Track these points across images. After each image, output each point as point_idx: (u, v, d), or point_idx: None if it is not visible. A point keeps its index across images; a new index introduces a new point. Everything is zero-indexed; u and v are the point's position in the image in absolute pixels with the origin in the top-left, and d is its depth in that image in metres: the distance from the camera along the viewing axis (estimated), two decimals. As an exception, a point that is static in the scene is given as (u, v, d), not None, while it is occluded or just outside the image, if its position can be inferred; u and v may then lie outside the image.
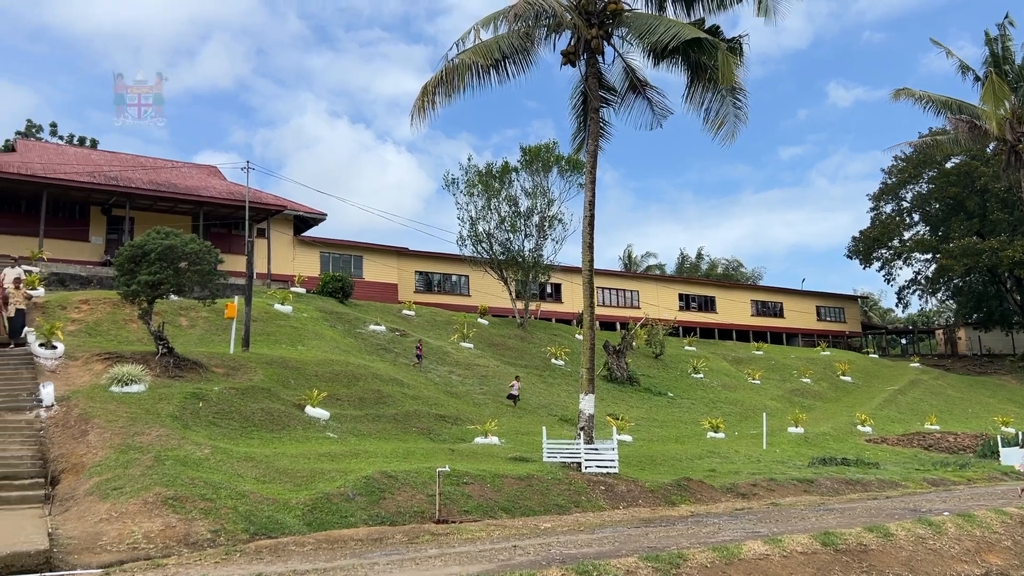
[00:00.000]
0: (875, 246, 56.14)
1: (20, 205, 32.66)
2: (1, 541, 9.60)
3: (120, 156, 38.41)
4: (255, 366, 20.57)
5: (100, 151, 41.59)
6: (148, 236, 19.24)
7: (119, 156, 38.35)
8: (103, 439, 13.98)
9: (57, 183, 31.34)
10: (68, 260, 31.36)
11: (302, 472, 13.66)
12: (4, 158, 34.23)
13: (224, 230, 36.16)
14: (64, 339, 19.54)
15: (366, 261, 41.43)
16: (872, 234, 55.74)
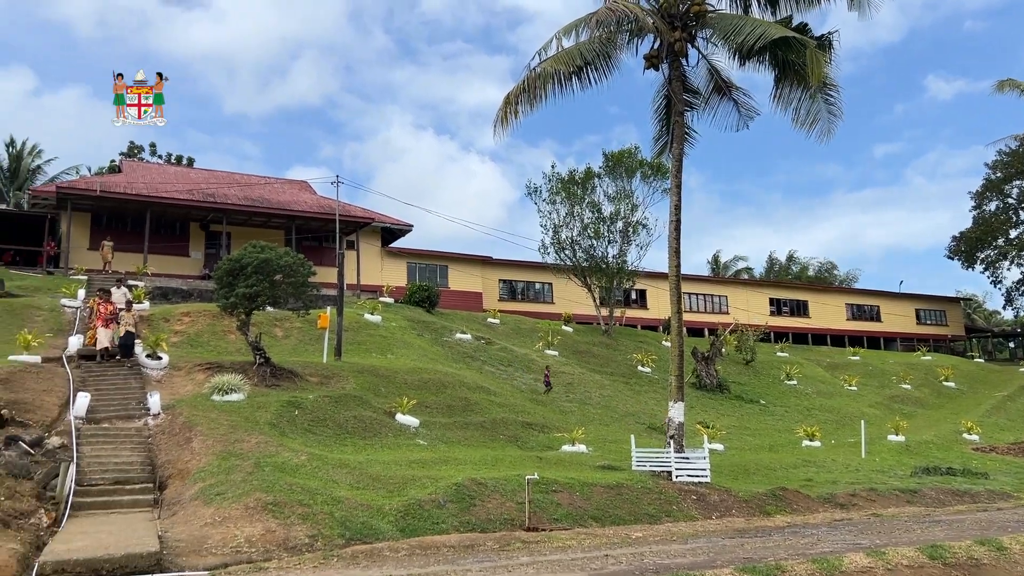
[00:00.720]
0: (978, 246, 53.51)
1: (127, 223, 34.42)
2: (117, 542, 10.12)
3: (217, 174, 40.09)
4: (347, 374, 21.06)
5: (197, 169, 43.47)
6: (245, 250, 19.98)
7: (216, 174, 40.04)
8: (206, 446, 14.55)
9: (159, 201, 32.92)
10: (170, 274, 32.85)
11: (394, 478, 13.90)
12: (111, 179, 36.18)
13: (315, 243, 37.25)
14: (168, 350, 20.46)
15: (451, 270, 41.95)
16: (975, 233, 53.16)
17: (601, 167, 39.07)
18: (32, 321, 22.49)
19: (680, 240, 17.84)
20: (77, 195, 32.16)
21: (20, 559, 9.34)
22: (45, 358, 18.50)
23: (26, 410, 15.21)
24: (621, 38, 18.44)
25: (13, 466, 12.66)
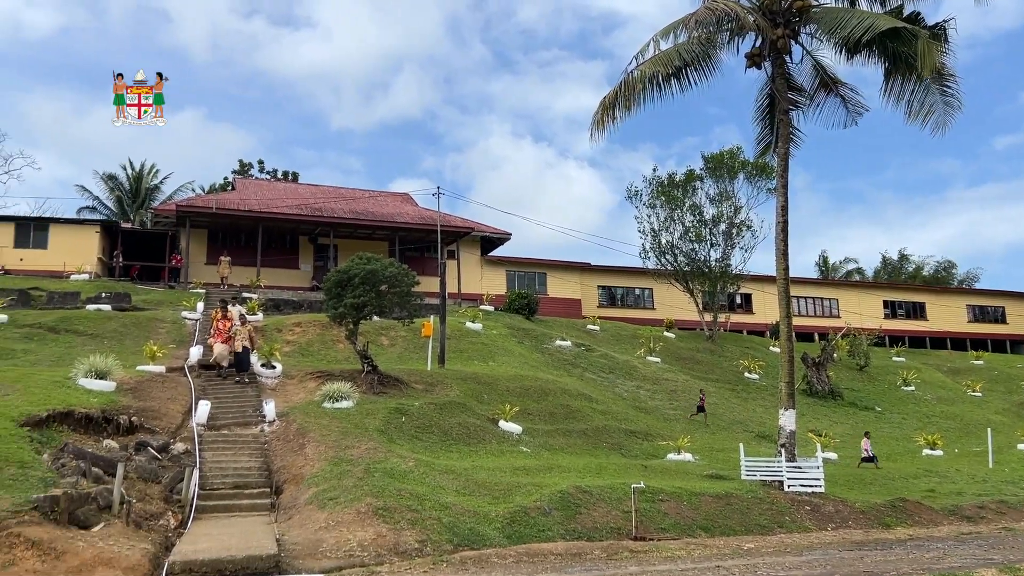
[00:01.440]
0: (1117, 240, 49.66)
1: (240, 238, 36.08)
2: (238, 544, 10.58)
3: (323, 188, 41.51)
4: (451, 382, 21.38)
5: (305, 185, 45.11)
6: (352, 262, 20.60)
7: (322, 188, 41.46)
8: (318, 452, 15.04)
9: (270, 216, 34.35)
10: (281, 286, 34.18)
11: (499, 485, 13.99)
12: (226, 196, 38.01)
13: (417, 253, 38.02)
14: (281, 359, 21.28)
15: (550, 277, 42.01)
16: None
17: (702, 169, 38.37)
18: (156, 333, 23.83)
19: (788, 242, 17.32)
20: (195, 212, 33.93)
21: (152, 559, 9.87)
22: (169, 368, 19.54)
23: (153, 417, 16.08)
24: (721, 37, 18.07)
25: (143, 470, 13.41)
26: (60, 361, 19.63)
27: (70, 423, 14.37)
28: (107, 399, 15.81)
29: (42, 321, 23.35)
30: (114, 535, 10.50)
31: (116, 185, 51.09)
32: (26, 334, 22.24)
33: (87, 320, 24.18)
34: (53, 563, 9.29)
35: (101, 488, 11.62)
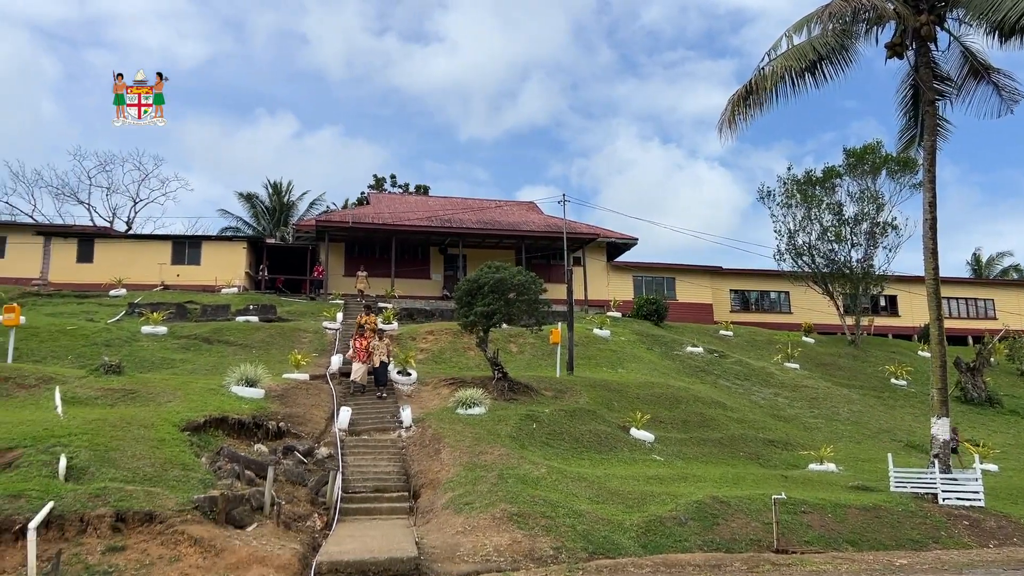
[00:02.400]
0: None
1: (375, 249, 37.45)
2: (380, 547, 10.96)
3: (452, 200, 42.49)
4: (580, 389, 21.34)
5: (435, 197, 46.33)
6: (481, 271, 20.97)
7: (451, 200, 42.44)
8: (453, 457, 15.36)
9: (403, 228, 35.50)
10: (414, 296, 35.22)
11: (633, 494, 13.84)
12: (361, 210, 39.57)
13: (543, 261, 38.25)
14: (416, 366, 21.90)
15: (678, 282, 41.26)
16: None
17: (841, 165, 36.68)
18: (300, 342, 25.06)
19: (936, 240, 16.30)
20: (333, 227, 35.52)
21: (301, 559, 10.37)
22: (312, 376, 20.50)
23: (299, 422, 16.91)
24: (857, 28, 17.24)
25: (291, 473, 14.11)
26: (214, 370, 20.97)
27: (224, 428, 15.32)
28: (257, 405, 16.75)
29: (197, 332, 25.01)
30: (266, 535, 11.10)
31: (257, 203, 54.13)
32: (184, 344, 23.88)
33: (237, 331, 25.72)
34: (213, 560, 9.91)
35: (254, 490, 12.31)
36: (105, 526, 10.25)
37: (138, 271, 34.83)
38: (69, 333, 23.09)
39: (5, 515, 10.00)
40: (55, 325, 23.87)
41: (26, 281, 34.07)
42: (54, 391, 15.63)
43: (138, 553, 9.91)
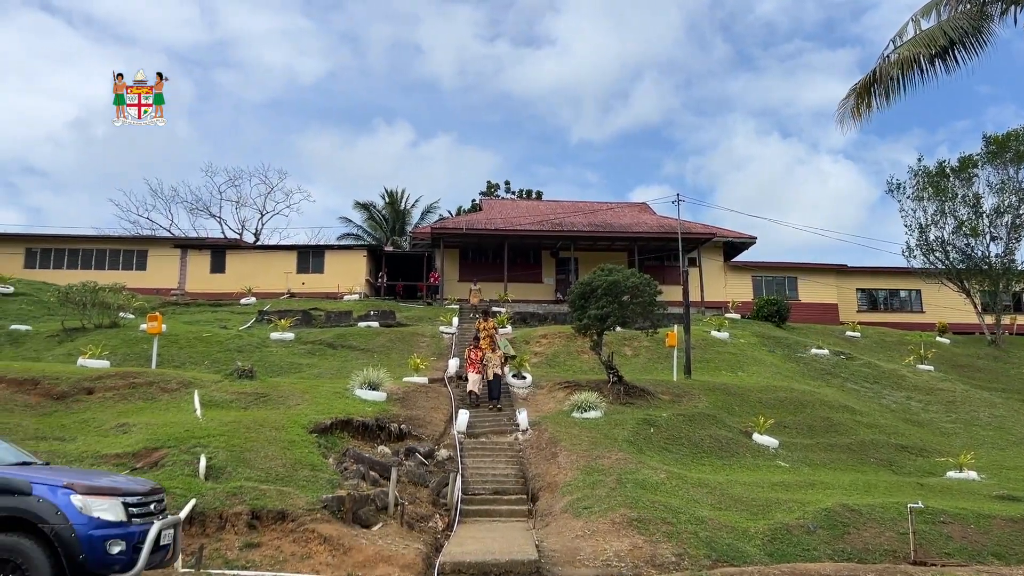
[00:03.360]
0: None
1: (488, 255, 37.98)
2: (501, 549, 11.06)
3: (563, 204, 42.54)
4: (698, 393, 20.90)
5: (546, 201, 46.54)
6: (594, 274, 20.88)
7: (562, 204, 42.50)
8: (570, 461, 15.33)
9: (515, 233, 35.81)
10: (527, 300, 35.44)
11: (757, 501, 13.42)
12: (474, 217, 40.23)
13: (657, 262, 37.73)
14: (531, 370, 22.02)
15: (800, 282, 39.83)
16: None
17: (979, 154, 34.42)
18: (418, 346, 25.66)
19: (1090, 231, 15.04)
20: (447, 233, 36.25)
21: (424, 558, 10.60)
22: (431, 379, 20.94)
23: (419, 425, 17.30)
24: (992, 8, 16.16)
25: (413, 475, 14.46)
26: (338, 373, 21.73)
27: (349, 430, 15.84)
28: (379, 408, 17.25)
29: (322, 338, 26.01)
30: (391, 534, 11.41)
31: (374, 212, 55.89)
32: (310, 349, 24.88)
33: (359, 336, 26.60)
34: (341, 558, 10.27)
35: (378, 491, 12.69)
36: (242, 523, 10.79)
37: (266, 280, 36.61)
38: (205, 340, 24.47)
39: (153, 510, 10.68)
40: (192, 332, 25.36)
41: (165, 291, 36.41)
42: (193, 395, 16.59)
43: (272, 550, 10.38)
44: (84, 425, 15.32)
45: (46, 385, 17.36)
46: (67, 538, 7.19)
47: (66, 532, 7.19)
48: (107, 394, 17.32)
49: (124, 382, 17.83)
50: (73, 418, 15.95)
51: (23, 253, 38.74)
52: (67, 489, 7.44)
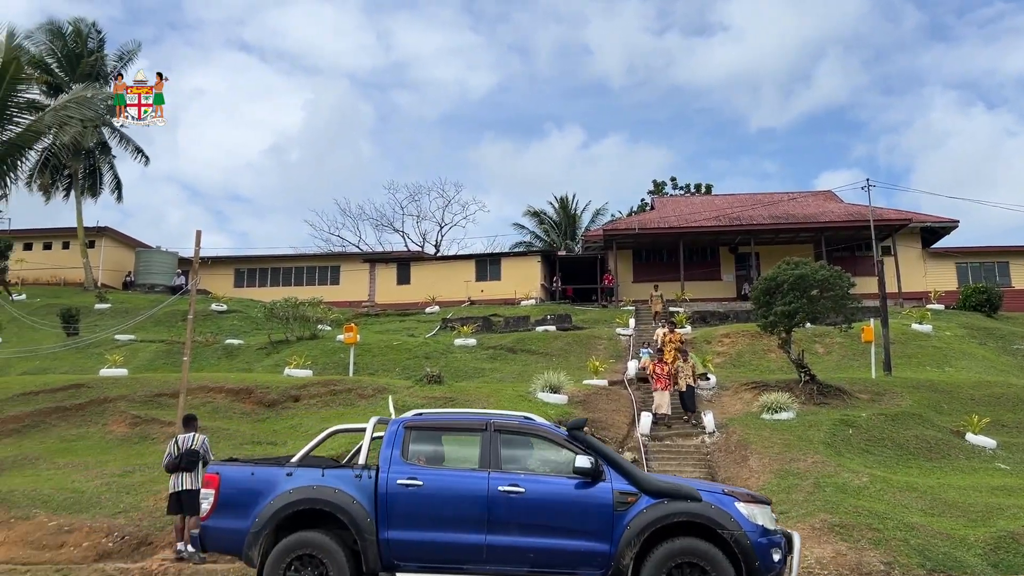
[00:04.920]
0: None
1: (663, 254, 37.40)
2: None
3: (739, 197, 41.12)
4: (900, 390, 19.46)
5: (721, 195, 45.19)
6: (779, 268, 19.98)
7: (738, 197, 41.09)
8: (762, 464, 14.75)
9: (689, 230, 35.02)
10: (705, 298, 34.53)
11: (975, 506, 12.30)
12: (646, 216, 39.78)
13: (846, 253, 35.60)
14: (714, 371, 21.40)
15: (1013, 267, 36.20)
16: None
17: None
18: (595, 349, 25.67)
19: None
20: (619, 235, 36.05)
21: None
22: (611, 381, 20.88)
23: (601, 427, 17.28)
24: None
25: (598, 477, 14.43)
26: (519, 377, 22.16)
27: (534, 433, 16.08)
28: (561, 411, 17.39)
29: (502, 343, 26.63)
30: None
31: (545, 218, 56.62)
32: (491, 354, 25.54)
33: (537, 340, 26.99)
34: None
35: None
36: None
37: (448, 289, 38.04)
38: (395, 348, 25.75)
39: (357, 509, 11.34)
40: (383, 341, 26.76)
41: (357, 303, 38.71)
42: (388, 400, 17.49)
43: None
44: (293, 430, 16.57)
45: (258, 394, 18.91)
46: (744, 544, 7.26)
47: (743, 539, 7.28)
48: (311, 401, 18.62)
49: (326, 389, 19.09)
50: (283, 424, 17.31)
51: (232, 274, 42.59)
52: (729, 497, 7.64)
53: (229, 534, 7.88)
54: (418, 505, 7.62)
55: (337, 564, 7.49)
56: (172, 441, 11.29)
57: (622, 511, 7.41)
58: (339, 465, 8.60)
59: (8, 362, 26.69)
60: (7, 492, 12.64)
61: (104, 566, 10.66)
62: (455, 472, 7.96)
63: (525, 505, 7.49)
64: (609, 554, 7.32)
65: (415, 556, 7.56)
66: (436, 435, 8.44)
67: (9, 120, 15.48)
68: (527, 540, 7.43)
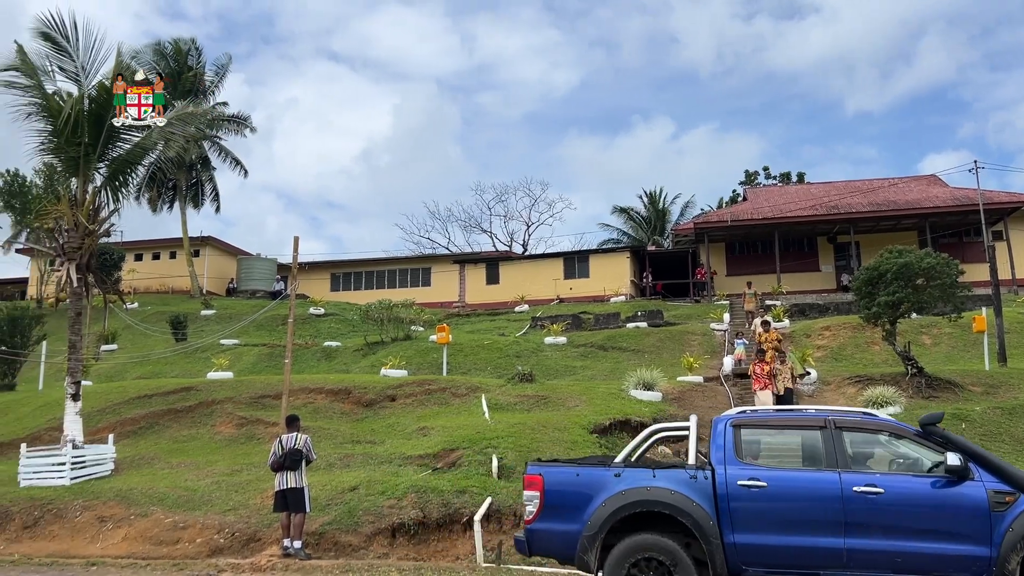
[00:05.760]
0: None
1: (756, 246, 36.45)
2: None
3: (835, 185, 39.72)
4: (1017, 382, 18.38)
5: (816, 184, 43.70)
6: (882, 257, 19.18)
7: (835, 185, 39.69)
8: (868, 461, 14.16)
9: (784, 221, 34.01)
10: (803, 291, 33.48)
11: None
12: (738, 208, 38.82)
13: (953, 239, 33.92)
14: (815, 365, 20.70)
15: None
16: None
17: None
18: (689, 345, 25.23)
19: None
20: (711, 228, 35.35)
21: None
22: (706, 378, 20.47)
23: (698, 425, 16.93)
24: None
25: (696, 475, 14.17)
26: (611, 375, 21.99)
27: (627, 430, 15.89)
28: (656, 408, 17.16)
29: (592, 340, 26.49)
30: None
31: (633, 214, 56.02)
32: (582, 352, 25.44)
33: (628, 337, 26.73)
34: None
35: (663, 490, 12.57)
36: (535, 520, 11.22)
37: (536, 287, 38.12)
38: (486, 347, 25.97)
39: (455, 508, 11.49)
40: (474, 341, 27.03)
41: (448, 304, 39.24)
42: (480, 399, 17.65)
43: (565, 547, 10.67)
44: (390, 429, 16.91)
45: (356, 394, 19.38)
46: None
47: None
48: (407, 400, 18.96)
49: (420, 389, 19.41)
50: (380, 423, 17.68)
51: (328, 278, 43.84)
52: None
53: (558, 537, 7.58)
54: (763, 507, 7.28)
55: (684, 568, 7.16)
56: (276, 441, 11.65)
57: (1000, 511, 6.93)
58: (671, 465, 8.22)
59: (124, 367, 28.23)
60: (127, 490, 13.34)
61: (216, 561, 11.11)
62: (801, 472, 7.53)
63: (886, 506, 7.10)
64: (989, 558, 6.86)
65: (763, 561, 7.24)
66: (763, 433, 8.10)
67: (118, 138, 16.28)
68: (892, 543, 7.02)
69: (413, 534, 11.31)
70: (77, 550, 11.99)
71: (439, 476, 12.70)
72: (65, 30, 15.39)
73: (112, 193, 16.57)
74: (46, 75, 15.64)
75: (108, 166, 16.45)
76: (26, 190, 37.38)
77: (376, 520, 11.44)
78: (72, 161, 16.06)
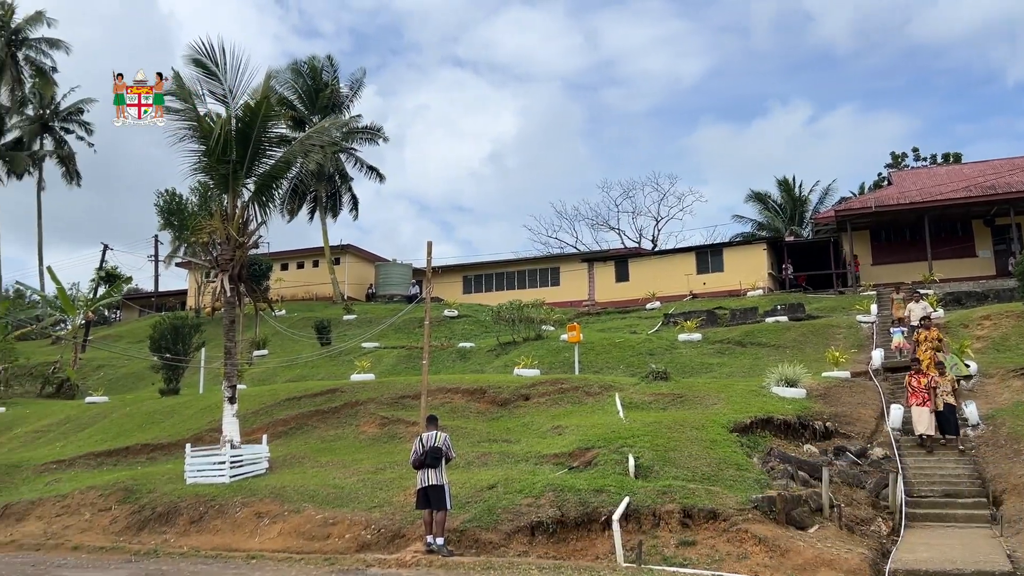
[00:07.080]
0: None
1: (904, 233, 34.37)
2: (962, 557, 9.79)
3: (992, 163, 36.88)
4: None
5: (969, 164, 40.75)
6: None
7: (991, 164, 36.86)
8: (1040, 460, 13.07)
9: (935, 204, 31.91)
10: (958, 278, 31.28)
11: None
12: (883, 193, 36.73)
13: None
14: (974, 357, 19.27)
15: None
16: None
17: None
18: (833, 339, 24.05)
19: None
20: (854, 215, 33.63)
21: (870, 564, 9.79)
22: (853, 373, 19.46)
23: (845, 422, 16.15)
24: None
25: (844, 475, 13.52)
26: (750, 371, 21.29)
27: (770, 428, 15.36)
28: (800, 405, 16.47)
29: (729, 336, 25.72)
30: (829, 537, 10.77)
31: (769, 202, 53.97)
32: (717, 349, 24.76)
33: (767, 332, 25.77)
34: (779, 559, 9.94)
35: (810, 491, 12.09)
36: (674, 521, 11.03)
37: (667, 284, 37.44)
38: (618, 345, 25.73)
39: (592, 507, 11.43)
40: (606, 339, 26.84)
41: (577, 303, 39.18)
42: (614, 397, 17.50)
43: (707, 548, 10.43)
44: (525, 428, 17.04)
45: (491, 393, 19.65)
46: None
47: None
48: (540, 399, 19.05)
49: (554, 388, 19.45)
50: (515, 422, 17.85)
51: (461, 281, 44.76)
52: None
53: None
54: None
55: None
56: (417, 440, 11.97)
57: None
58: None
59: (274, 371, 29.87)
60: (280, 488, 14.09)
61: (365, 556, 11.54)
62: None
63: None
64: None
65: None
66: None
67: (263, 154, 17.22)
68: None
69: (552, 533, 11.34)
70: (238, 544, 12.76)
71: (575, 475, 12.68)
72: (215, 56, 16.41)
73: (259, 207, 17.57)
74: (198, 98, 16.75)
75: (255, 182, 17.44)
76: (183, 208, 40.33)
77: (515, 518, 11.55)
78: (222, 178, 17.14)
